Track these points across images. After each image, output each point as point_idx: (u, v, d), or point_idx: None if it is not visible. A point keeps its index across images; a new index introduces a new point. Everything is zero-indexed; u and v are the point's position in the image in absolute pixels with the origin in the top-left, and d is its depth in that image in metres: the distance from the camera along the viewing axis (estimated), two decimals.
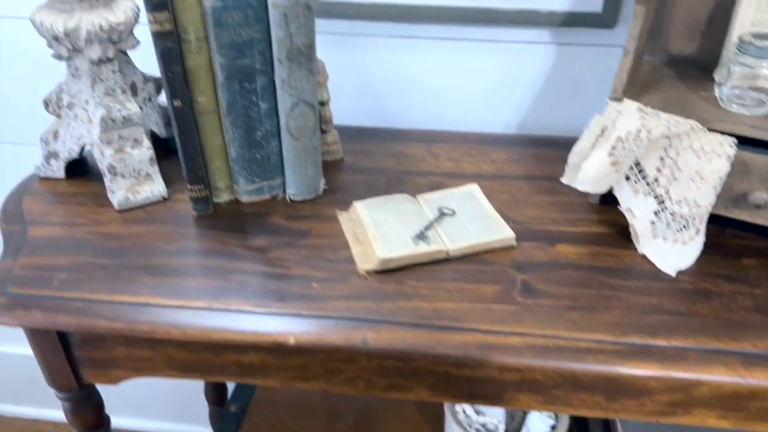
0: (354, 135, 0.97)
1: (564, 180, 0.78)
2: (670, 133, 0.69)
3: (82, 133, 0.81)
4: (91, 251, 0.74)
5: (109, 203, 0.81)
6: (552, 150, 0.94)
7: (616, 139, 0.71)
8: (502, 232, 0.75)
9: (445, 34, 0.96)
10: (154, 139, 0.87)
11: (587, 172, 0.73)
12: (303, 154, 0.79)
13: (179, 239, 0.76)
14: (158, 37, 0.68)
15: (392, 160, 0.91)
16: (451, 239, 0.74)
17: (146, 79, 0.84)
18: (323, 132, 0.90)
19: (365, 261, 0.72)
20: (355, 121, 1.02)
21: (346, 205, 0.81)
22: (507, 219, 0.79)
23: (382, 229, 0.75)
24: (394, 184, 0.86)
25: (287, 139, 0.78)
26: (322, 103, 0.87)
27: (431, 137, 0.97)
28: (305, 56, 0.73)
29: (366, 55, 0.98)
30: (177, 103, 0.72)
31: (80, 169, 0.87)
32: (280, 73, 0.73)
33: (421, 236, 0.74)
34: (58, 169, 0.85)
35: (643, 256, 0.74)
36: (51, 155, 0.84)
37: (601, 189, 0.74)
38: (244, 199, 0.83)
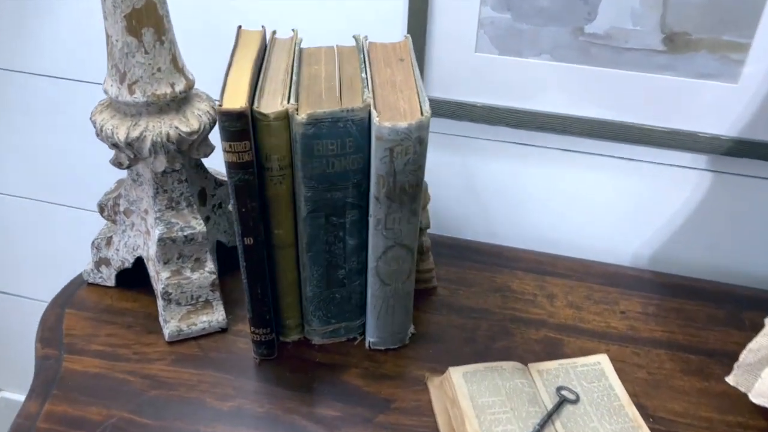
0: (452, 253, 0.82)
1: (731, 381, 0.60)
2: None
3: (138, 244, 0.70)
4: (130, 403, 0.61)
5: (159, 328, 0.69)
6: (699, 304, 0.75)
7: None
8: None
9: (573, 146, 0.79)
10: (219, 248, 0.74)
11: None
12: (392, 300, 0.65)
13: (235, 395, 0.63)
14: (234, 168, 0.54)
15: (496, 298, 0.75)
16: None
17: (218, 183, 0.72)
18: (418, 262, 0.75)
19: None
20: (454, 231, 0.87)
21: (437, 367, 0.66)
22: (644, 413, 0.62)
23: (485, 418, 0.59)
24: (499, 337, 0.70)
25: (375, 284, 0.63)
26: (420, 230, 0.72)
27: (544, 266, 0.80)
28: (409, 196, 0.58)
29: (474, 159, 0.83)
30: (249, 240, 0.58)
31: (134, 277, 0.75)
32: (376, 212, 0.59)
33: None
34: (108, 278, 0.73)
35: None
36: (102, 262, 0.73)
37: None
38: (316, 341, 0.68)
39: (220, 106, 0.52)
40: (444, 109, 0.79)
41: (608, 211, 0.82)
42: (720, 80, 0.70)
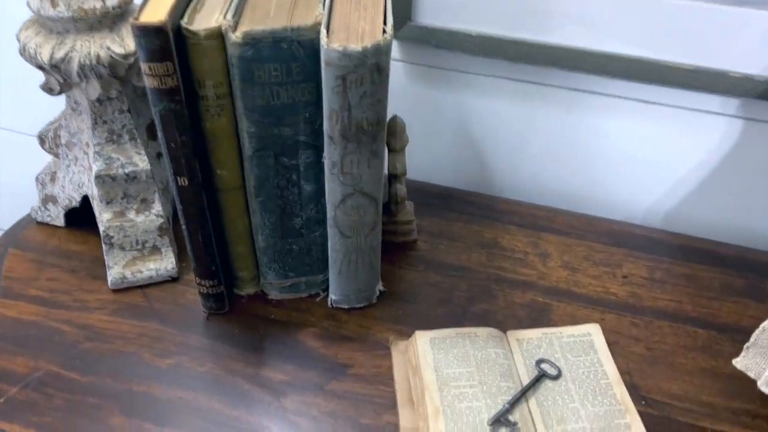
0: (438, 204, 0.73)
1: (738, 365, 0.51)
2: None
3: (83, 181, 0.63)
4: (61, 356, 0.56)
5: (106, 275, 0.63)
6: (716, 270, 0.66)
7: None
8: (627, 427, 0.50)
9: (582, 85, 0.69)
10: None
11: None
12: (354, 255, 0.57)
13: (176, 351, 0.57)
14: (156, 95, 0.46)
15: (481, 255, 0.67)
16: (548, 424, 0.50)
17: None
18: (392, 213, 0.66)
19: None
20: (442, 179, 0.78)
21: (405, 329, 0.59)
22: (635, 393, 0.54)
23: (448, 392, 0.52)
24: (478, 299, 0.62)
25: (335, 236, 0.56)
26: (395, 177, 0.64)
27: (540, 220, 0.71)
28: (368, 136, 0.49)
29: (468, 97, 0.73)
30: (182, 181, 0.51)
31: (88, 216, 0.69)
32: (330, 154, 0.50)
33: (503, 419, 0.50)
34: (56, 216, 0.67)
35: None
36: (48, 199, 0.66)
37: None
38: (273, 295, 0.62)
39: (136, 19, 0.44)
40: (435, 38, 0.69)
41: (620, 160, 0.72)
42: (763, 8, 0.59)
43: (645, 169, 0.72)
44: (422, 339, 0.56)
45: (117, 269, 0.61)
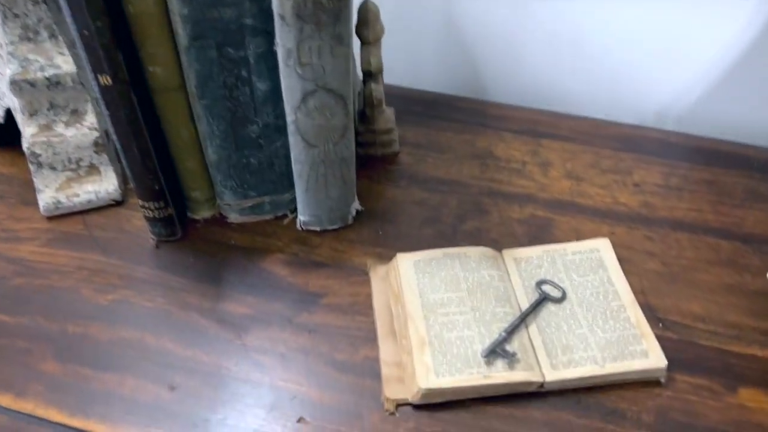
0: (424, 111, 0.64)
1: None
2: None
3: (4, 92, 0.53)
4: None
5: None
6: (739, 174, 0.58)
7: None
8: (643, 354, 0.43)
9: None
10: None
11: None
12: (323, 168, 0.48)
13: (120, 285, 0.49)
14: None
15: (473, 167, 0.59)
16: (551, 354, 0.43)
17: None
18: (369, 121, 0.57)
19: (397, 383, 0.43)
20: (428, 83, 0.69)
21: (386, 253, 0.51)
22: (652, 315, 0.46)
23: (435, 320, 0.45)
24: (470, 216, 0.54)
25: (298, 146, 0.47)
26: (370, 75, 0.54)
27: (540, 126, 0.63)
28: (330, 15, 0.40)
29: None
30: (105, 80, 0.41)
31: (15, 132, 0.59)
32: (283, 39, 0.41)
33: (499, 349, 0.43)
34: None
35: None
36: None
37: None
38: (233, 218, 0.53)
39: None
40: None
41: (629, 53, 0.63)
42: None
43: (657, 63, 0.63)
44: (405, 262, 0.48)
45: (49, 193, 0.53)
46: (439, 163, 0.59)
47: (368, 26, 0.51)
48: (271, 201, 0.53)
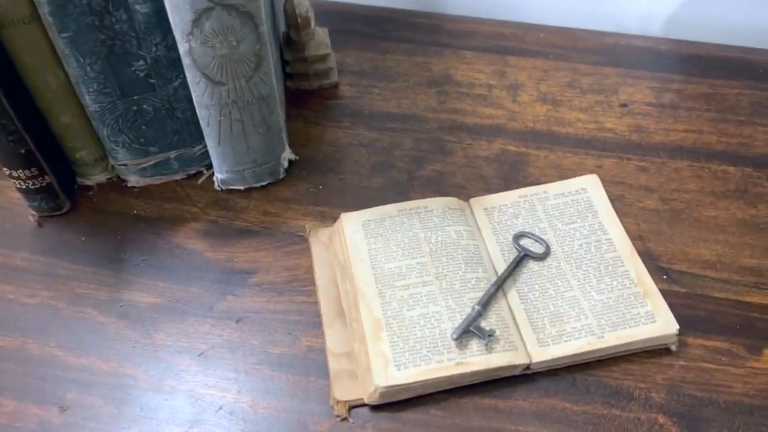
0: (366, 31, 0.53)
1: None
2: None
3: None
4: None
5: None
6: (743, 84, 0.49)
7: None
8: (649, 318, 0.35)
9: None
10: None
11: None
12: (235, 111, 0.38)
13: None
14: None
15: (430, 97, 0.48)
16: (537, 327, 0.35)
17: None
18: (296, 46, 0.46)
19: (348, 379, 0.34)
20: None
21: (328, 212, 0.41)
22: (656, 266, 0.38)
23: (392, 296, 0.36)
24: (428, 158, 0.44)
25: (199, 83, 0.36)
26: None
27: (507, 41, 0.52)
28: None
29: None
30: None
31: None
32: None
33: (473, 328, 0.34)
34: None
35: None
36: None
37: None
38: (133, 181, 0.43)
39: None
40: None
41: None
42: None
43: None
44: (352, 223, 0.39)
45: None
46: (389, 95, 0.49)
47: None
48: (178, 156, 0.42)
